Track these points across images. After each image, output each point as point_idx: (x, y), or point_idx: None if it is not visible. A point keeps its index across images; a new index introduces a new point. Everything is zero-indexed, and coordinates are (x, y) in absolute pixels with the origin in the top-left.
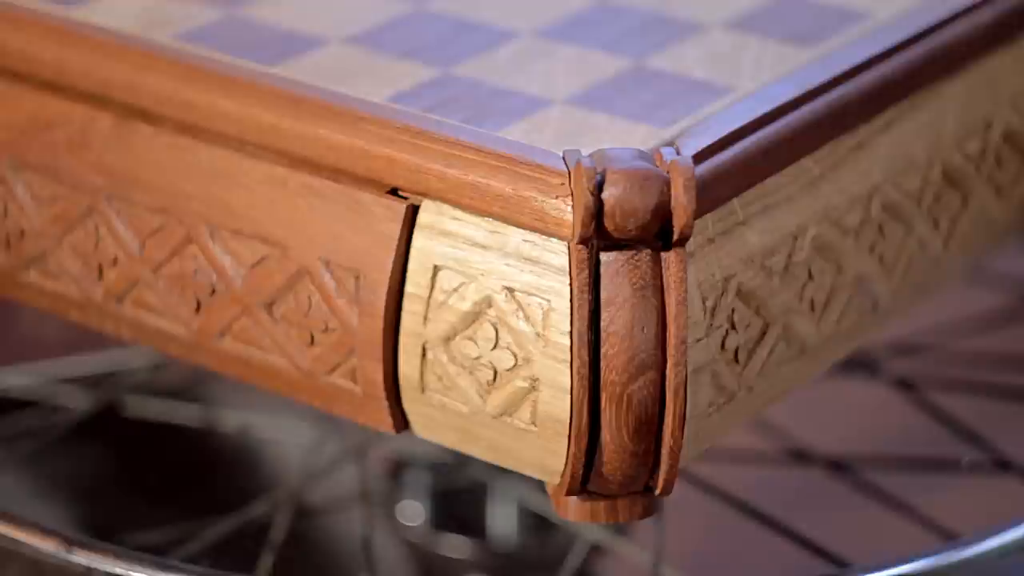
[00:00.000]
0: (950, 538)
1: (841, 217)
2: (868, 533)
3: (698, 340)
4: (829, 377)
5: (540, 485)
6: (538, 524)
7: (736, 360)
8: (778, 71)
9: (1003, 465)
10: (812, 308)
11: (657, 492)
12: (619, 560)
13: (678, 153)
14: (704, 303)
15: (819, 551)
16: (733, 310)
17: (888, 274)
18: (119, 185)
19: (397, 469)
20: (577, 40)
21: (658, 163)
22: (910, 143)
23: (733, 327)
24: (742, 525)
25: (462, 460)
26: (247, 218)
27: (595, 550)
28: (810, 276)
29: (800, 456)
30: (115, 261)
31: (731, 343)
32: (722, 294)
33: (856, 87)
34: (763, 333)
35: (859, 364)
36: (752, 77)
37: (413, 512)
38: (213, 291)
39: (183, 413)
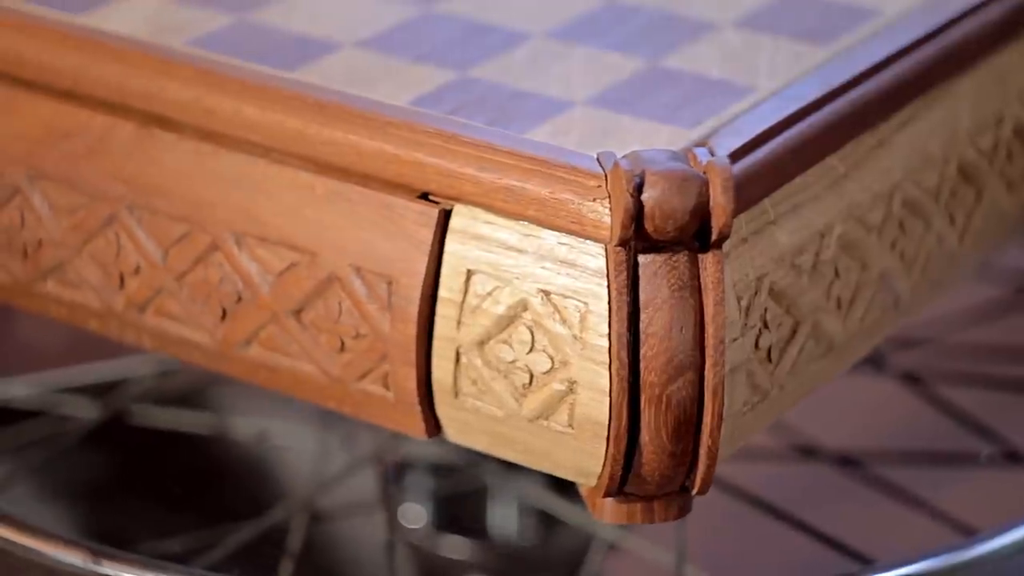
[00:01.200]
0: (963, 531)
1: (865, 215)
2: (879, 528)
3: (734, 340)
4: None
5: (542, 485)
6: (540, 524)
7: (769, 359)
8: (795, 70)
9: (1013, 457)
10: (839, 306)
11: (694, 492)
12: (626, 556)
13: (712, 154)
14: (739, 303)
15: (836, 546)
16: (766, 309)
17: (908, 270)
18: (140, 193)
19: (398, 472)
20: (589, 41)
21: (692, 164)
22: (927, 140)
23: (766, 326)
24: (753, 521)
25: (462, 462)
26: (273, 225)
27: (605, 549)
28: (836, 274)
29: (808, 452)
30: (137, 270)
31: (764, 342)
32: (755, 293)
33: (877, 85)
34: (794, 332)
35: (865, 359)
36: (770, 76)
37: (415, 514)
38: (239, 299)
39: (189, 420)
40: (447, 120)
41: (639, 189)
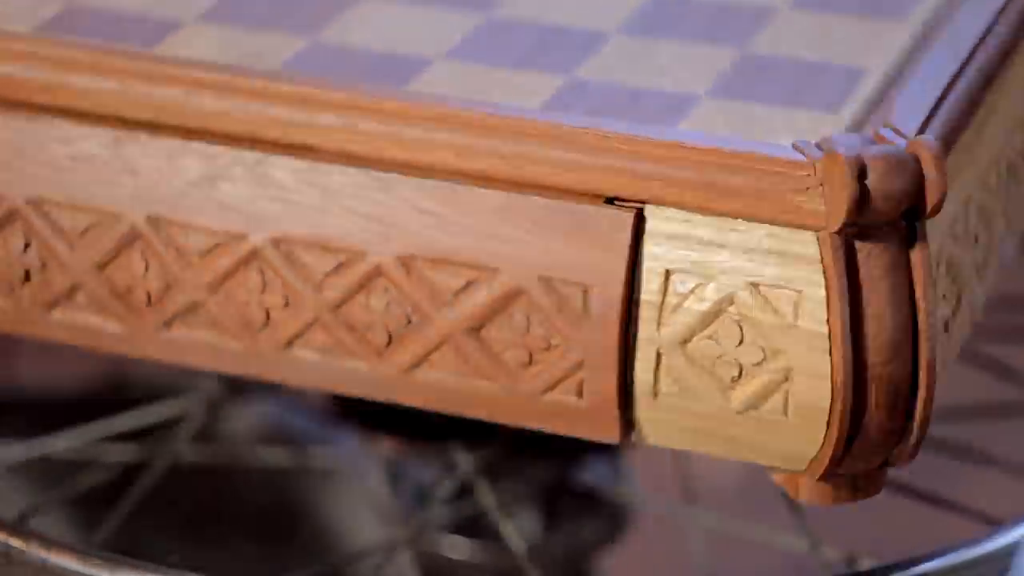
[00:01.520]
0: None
1: (987, 180)
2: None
3: None
4: None
5: (543, 484)
6: (543, 524)
7: (946, 330)
8: (895, 47)
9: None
10: (977, 272)
11: (900, 464)
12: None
13: (900, 134)
14: (933, 278)
15: (959, 510)
16: (942, 282)
17: (1011, 232)
18: (289, 227)
19: (404, 474)
20: (667, 34)
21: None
22: (1015, 103)
23: (944, 298)
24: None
25: (465, 463)
26: (446, 245)
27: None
28: (976, 240)
29: None
30: (285, 304)
31: (942, 314)
32: (938, 266)
33: (991, 52)
34: (958, 301)
35: None
36: (865, 55)
37: (419, 517)
38: (408, 322)
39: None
40: (626, 123)
41: (862, 174)
